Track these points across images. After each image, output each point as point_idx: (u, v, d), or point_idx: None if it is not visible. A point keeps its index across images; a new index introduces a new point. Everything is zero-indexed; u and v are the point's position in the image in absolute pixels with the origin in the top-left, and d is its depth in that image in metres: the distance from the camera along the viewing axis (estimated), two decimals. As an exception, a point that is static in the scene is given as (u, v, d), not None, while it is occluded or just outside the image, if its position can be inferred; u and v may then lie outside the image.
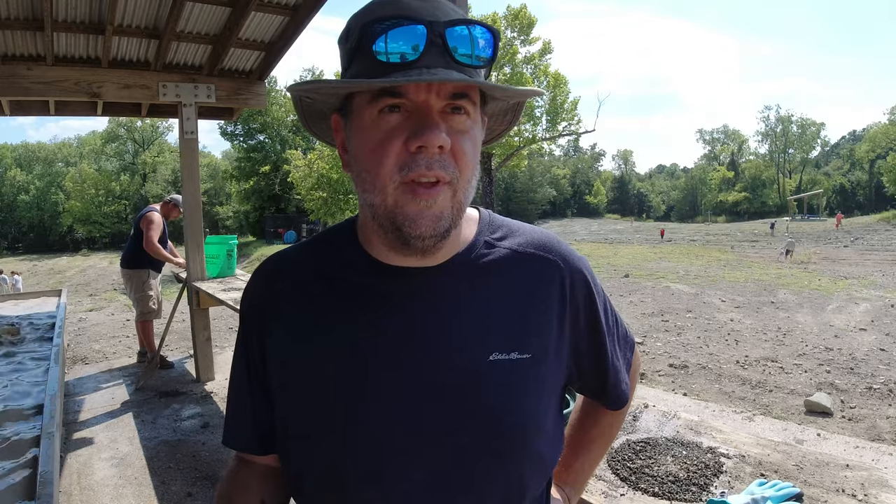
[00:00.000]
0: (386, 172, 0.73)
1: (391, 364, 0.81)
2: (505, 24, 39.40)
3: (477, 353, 0.82)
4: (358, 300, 0.84)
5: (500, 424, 0.81)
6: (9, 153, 67.80)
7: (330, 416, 0.82)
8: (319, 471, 0.85)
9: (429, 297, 0.83)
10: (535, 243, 0.91)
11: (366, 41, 0.73)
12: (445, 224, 0.75)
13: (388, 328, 0.82)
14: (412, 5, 0.73)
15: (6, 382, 3.21)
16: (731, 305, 11.98)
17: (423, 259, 0.81)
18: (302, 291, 0.88)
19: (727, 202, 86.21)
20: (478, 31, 0.74)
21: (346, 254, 0.88)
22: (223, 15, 4.94)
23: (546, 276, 0.89)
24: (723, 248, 30.42)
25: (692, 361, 7.61)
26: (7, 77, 5.02)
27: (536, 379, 0.85)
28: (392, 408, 0.80)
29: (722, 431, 1.99)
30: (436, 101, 0.72)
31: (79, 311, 12.18)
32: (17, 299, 6.61)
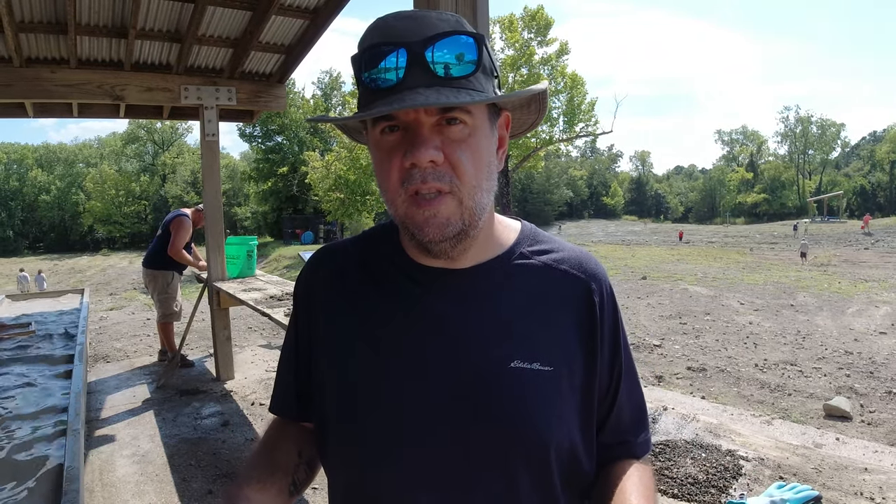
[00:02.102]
0: (393, 187, 0.77)
1: (410, 359, 0.84)
2: (522, 25, 39.32)
3: (498, 359, 0.82)
4: (388, 294, 0.89)
5: (515, 433, 0.81)
6: (30, 154, 68.78)
7: (348, 398, 0.87)
8: (337, 449, 0.90)
9: (455, 298, 0.86)
10: (571, 261, 0.92)
11: (356, 70, 0.78)
12: (454, 229, 0.77)
13: (412, 324, 0.85)
14: (396, 27, 0.76)
15: (30, 380, 3.27)
16: (750, 308, 11.88)
17: (451, 261, 0.85)
18: (341, 279, 0.95)
19: (746, 204, 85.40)
20: (459, 41, 0.75)
21: (385, 249, 0.93)
22: (244, 19, 4.99)
23: (577, 295, 0.89)
24: (741, 250, 30.15)
25: (710, 364, 7.56)
26: (31, 80, 5.10)
27: (558, 393, 0.84)
28: (407, 399, 0.83)
29: (741, 434, 1.99)
30: (426, 117, 0.75)
31: (99, 310, 12.31)
32: (39, 298, 6.71)
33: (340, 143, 33.23)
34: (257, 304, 4.34)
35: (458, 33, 0.75)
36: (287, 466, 0.96)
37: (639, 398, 0.99)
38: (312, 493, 3.43)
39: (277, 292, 4.80)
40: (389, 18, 0.78)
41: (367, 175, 31.82)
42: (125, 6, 4.60)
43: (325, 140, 44.28)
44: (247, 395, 5.34)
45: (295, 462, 0.97)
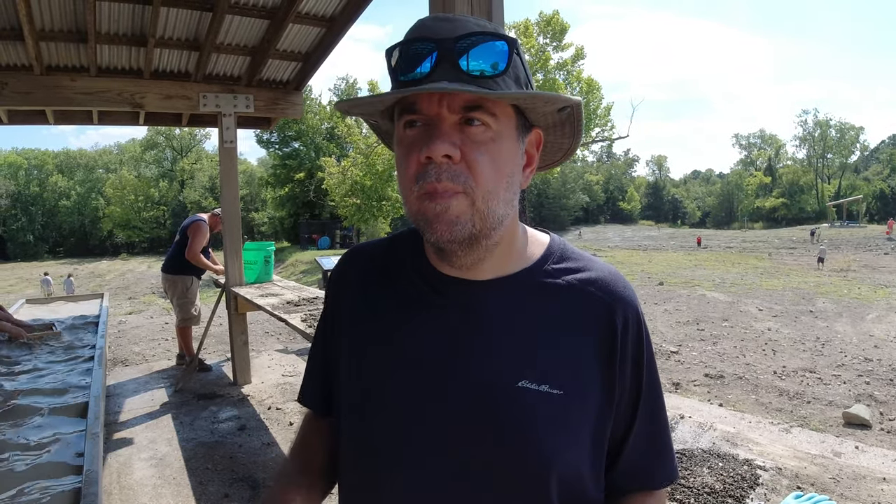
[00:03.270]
0: (407, 184, 0.77)
1: (416, 370, 0.84)
2: (537, 30, 39.32)
3: (505, 377, 0.81)
4: (405, 300, 0.89)
5: (517, 455, 0.79)
6: (50, 160, 69.66)
7: (356, 401, 0.89)
8: (346, 449, 0.92)
9: (469, 310, 0.85)
10: (598, 282, 0.89)
11: (389, 63, 0.80)
12: (464, 230, 0.76)
13: (423, 334, 0.85)
14: (432, 26, 0.77)
15: (50, 382, 3.31)
16: (769, 314, 11.77)
17: (468, 271, 0.85)
18: (364, 281, 0.96)
19: (764, 208, 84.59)
20: (490, 43, 0.76)
21: (408, 254, 0.94)
22: (261, 27, 5.03)
23: (599, 319, 0.86)
24: (760, 255, 29.90)
25: (728, 371, 7.49)
26: (52, 87, 5.17)
27: (566, 419, 0.81)
28: (411, 410, 0.83)
29: (759, 443, 1.98)
30: (448, 114, 0.75)
31: (118, 314, 12.44)
32: (58, 302, 6.79)
33: (357, 148, 33.36)
34: (274, 309, 4.37)
35: (490, 34, 0.76)
36: (320, 467, 1.00)
37: (662, 429, 0.94)
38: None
39: (294, 297, 4.83)
40: (427, 19, 0.80)
41: (383, 181, 31.94)
42: (144, 15, 4.66)
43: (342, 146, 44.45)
44: (263, 399, 5.37)
45: (327, 462, 1.00)
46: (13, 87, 5.05)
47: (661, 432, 0.94)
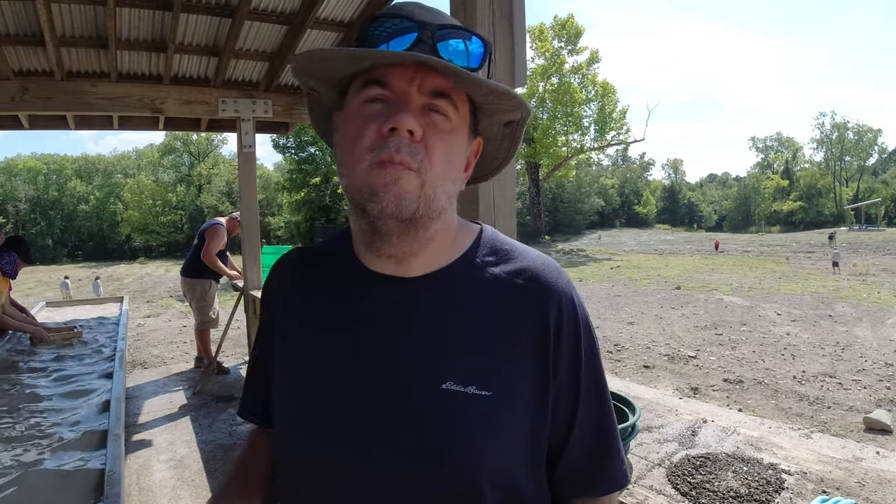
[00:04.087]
0: (359, 152, 0.74)
1: (339, 374, 0.81)
2: (552, 34, 39.32)
3: (428, 380, 0.78)
4: (334, 302, 0.86)
5: (445, 460, 0.76)
6: (69, 165, 70.49)
7: (282, 409, 0.87)
8: (277, 457, 0.91)
9: (395, 309, 0.82)
10: (527, 273, 0.85)
11: (362, 36, 0.79)
12: (408, 207, 0.73)
13: (347, 337, 0.83)
14: (413, 10, 0.77)
15: (72, 385, 3.34)
16: (787, 319, 11.65)
17: (398, 266, 0.82)
18: (294, 286, 0.94)
19: (782, 212, 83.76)
20: (469, 40, 0.77)
21: (339, 254, 0.91)
22: (280, 33, 5.07)
23: (530, 312, 0.82)
24: (777, 259, 29.61)
25: (747, 376, 7.43)
26: (72, 93, 5.24)
27: (497, 421, 0.78)
28: (335, 414, 0.80)
29: (783, 448, 1.97)
30: (416, 95, 0.74)
31: (137, 317, 12.54)
32: (79, 305, 6.87)
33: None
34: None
35: (472, 32, 0.77)
36: (262, 478, 0.97)
37: (607, 429, 0.89)
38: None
39: (311, 301, 4.85)
40: (408, 4, 0.79)
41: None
42: (164, 21, 4.71)
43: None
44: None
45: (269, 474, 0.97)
46: (34, 92, 5.12)
47: (607, 434, 0.89)
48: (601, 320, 11.81)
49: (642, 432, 3.21)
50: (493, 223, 1.90)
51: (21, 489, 1.98)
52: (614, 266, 26.02)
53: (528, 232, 45.12)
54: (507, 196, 1.97)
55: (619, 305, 13.85)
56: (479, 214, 1.88)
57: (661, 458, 2.74)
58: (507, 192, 1.97)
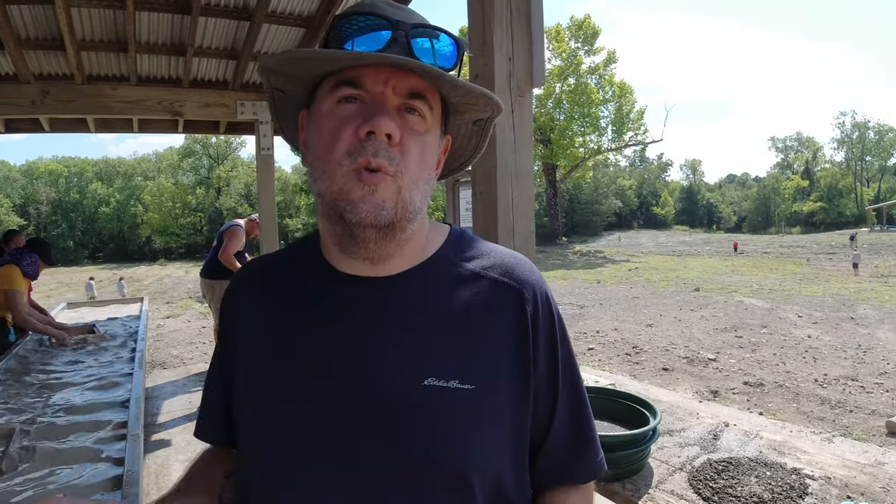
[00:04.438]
0: (336, 158, 0.73)
1: (321, 375, 0.78)
2: (569, 34, 39.23)
3: (411, 376, 0.76)
4: (305, 309, 0.84)
5: (433, 458, 0.74)
6: (90, 167, 71.34)
7: (253, 422, 0.82)
8: (244, 470, 0.85)
9: (373, 309, 0.81)
10: (501, 267, 0.86)
11: (334, 34, 0.77)
12: (387, 216, 0.73)
13: (326, 337, 0.80)
14: (387, 9, 0.77)
15: (92, 384, 3.37)
16: (808, 321, 11.50)
17: (372, 267, 0.82)
18: (259, 294, 0.90)
19: (802, 212, 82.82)
20: (443, 39, 0.77)
21: (305, 260, 0.89)
22: (297, 36, 5.10)
23: (507, 305, 0.83)
24: (798, 260, 29.26)
25: (768, 379, 7.34)
26: (92, 96, 5.31)
27: (481, 414, 0.77)
28: (313, 421, 0.77)
29: (806, 452, 1.94)
30: (392, 96, 0.74)
31: (156, 318, 12.66)
32: (100, 306, 6.94)
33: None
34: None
35: (444, 32, 0.77)
36: (213, 487, 0.92)
37: (584, 418, 0.90)
38: None
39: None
40: (381, 2, 0.78)
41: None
42: (183, 25, 4.76)
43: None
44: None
45: (221, 483, 0.93)
46: (55, 95, 5.19)
47: (584, 423, 0.90)
48: (619, 322, 11.74)
49: (663, 436, 3.18)
50: (512, 225, 1.89)
51: (41, 486, 2.00)
52: (632, 268, 25.87)
53: (546, 233, 44.97)
54: (525, 197, 1.96)
55: (638, 307, 13.75)
56: (498, 216, 1.87)
57: (682, 463, 2.72)
58: (525, 193, 1.96)
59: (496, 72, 1.94)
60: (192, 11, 4.44)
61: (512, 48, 1.98)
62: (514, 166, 1.94)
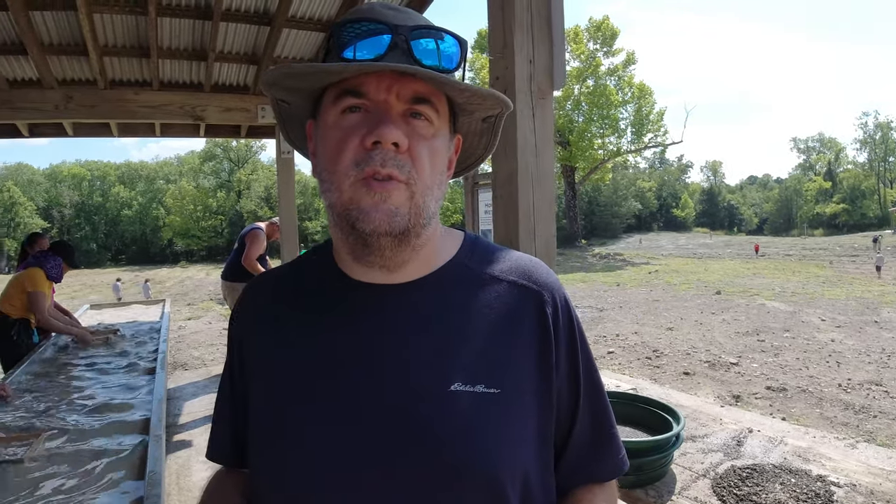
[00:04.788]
0: (342, 169, 0.72)
1: (343, 385, 0.77)
2: (587, 36, 39.09)
3: (436, 382, 0.75)
4: (322, 317, 0.83)
5: (457, 464, 0.73)
6: (113, 171, 72.38)
7: (269, 441, 0.80)
8: (261, 485, 0.82)
9: (392, 316, 0.80)
10: (517, 270, 0.86)
11: (333, 42, 0.76)
12: (401, 223, 0.73)
13: (346, 346, 0.79)
14: (385, 13, 0.76)
15: (115, 386, 3.41)
16: (832, 325, 11.34)
17: (388, 274, 0.80)
18: (275, 306, 0.88)
19: (824, 214, 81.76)
20: (444, 39, 0.75)
21: (319, 269, 0.88)
22: (317, 40, 5.14)
23: (527, 308, 0.82)
24: (821, 263, 28.87)
25: (791, 384, 7.24)
26: (115, 101, 5.39)
27: (507, 417, 0.76)
28: (335, 431, 0.75)
29: (831, 459, 1.90)
30: (396, 102, 0.73)
31: (178, 320, 12.76)
32: (122, 307, 7.02)
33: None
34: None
35: (445, 31, 0.75)
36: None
37: (605, 417, 0.90)
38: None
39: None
40: (376, 5, 0.78)
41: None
42: (204, 30, 4.81)
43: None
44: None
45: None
46: (78, 100, 5.27)
47: (605, 422, 0.90)
48: (639, 325, 11.65)
49: (685, 442, 3.15)
50: (533, 228, 1.88)
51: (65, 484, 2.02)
52: (652, 270, 25.68)
53: (565, 236, 44.78)
54: (546, 200, 1.95)
55: (658, 311, 13.64)
56: (519, 219, 1.87)
57: (705, 469, 2.68)
58: (547, 196, 1.95)
59: (517, 74, 1.93)
60: (213, 17, 4.48)
61: (532, 51, 1.98)
62: (536, 169, 1.93)
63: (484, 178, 3.68)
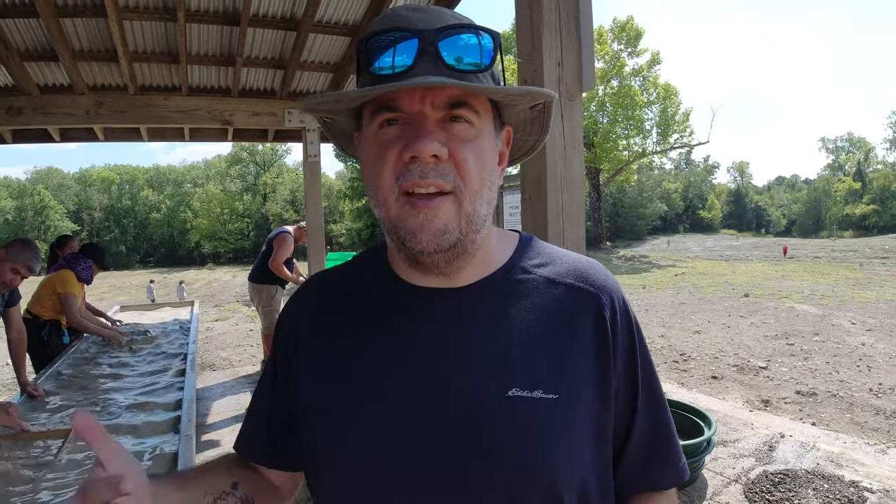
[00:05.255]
0: (385, 184, 0.72)
1: (393, 400, 0.77)
2: (612, 36, 38.81)
3: (494, 388, 0.75)
4: (372, 324, 0.82)
5: (515, 470, 0.73)
6: (141, 175, 73.57)
7: (328, 448, 0.80)
8: (323, 489, 0.83)
9: (449, 321, 0.79)
10: (575, 273, 0.85)
11: (361, 57, 0.75)
12: (451, 238, 0.72)
13: (405, 350, 0.79)
14: (409, 17, 0.74)
15: (145, 386, 3.46)
16: (862, 328, 11.12)
17: (445, 279, 0.80)
18: (329, 309, 0.88)
19: (854, 215, 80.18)
20: (473, 37, 0.73)
21: (375, 273, 0.88)
22: (343, 45, 5.17)
23: (584, 311, 0.81)
24: (850, 265, 28.34)
25: (821, 389, 7.12)
26: (144, 106, 5.48)
27: (565, 423, 0.76)
28: (394, 434, 0.75)
29: (864, 464, 1.88)
30: (431, 111, 0.71)
31: (206, 321, 12.89)
32: (152, 309, 7.12)
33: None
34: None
35: (473, 28, 0.73)
36: (214, 488, 0.87)
37: (664, 423, 0.88)
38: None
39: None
40: (401, 9, 0.76)
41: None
42: (232, 36, 4.87)
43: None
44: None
45: (224, 490, 0.88)
46: (109, 106, 5.37)
47: (665, 428, 0.88)
48: (665, 328, 11.54)
49: (716, 447, 3.11)
50: (562, 231, 1.88)
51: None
52: (679, 273, 25.40)
53: (589, 238, 44.47)
54: (575, 203, 1.95)
55: (685, 313, 13.50)
56: (548, 222, 1.86)
57: (737, 474, 2.64)
58: (576, 199, 1.95)
59: (545, 77, 1.93)
60: (240, 23, 4.54)
61: (561, 53, 1.97)
62: (564, 171, 1.93)
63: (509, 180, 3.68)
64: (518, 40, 2.06)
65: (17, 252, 3.51)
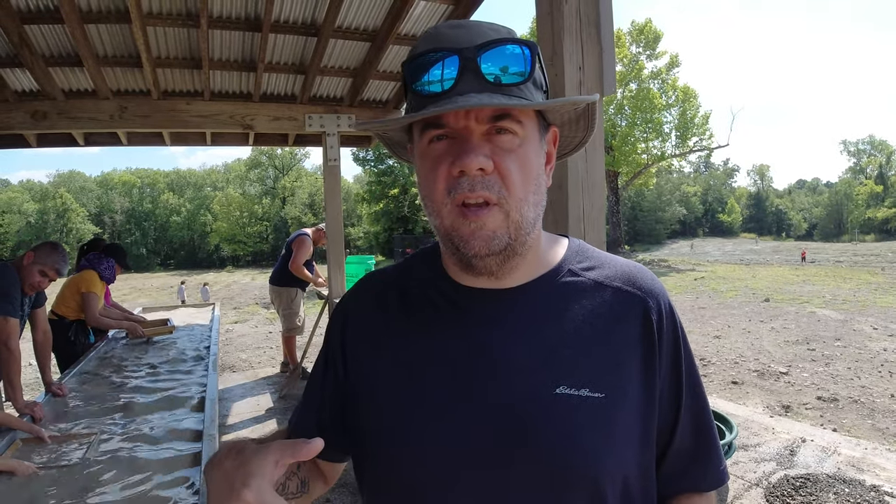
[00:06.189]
0: (438, 197, 0.76)
1: (450, 385, 0.80)
2: (630, 39, 38.63)
3: (542, 386, 0.78)
4: (426, 322, 0.86)
5: (561, 466, 0.75)
6: (162, 179, 74.44)
7: (382, 439, 0.83)
8: (370, 479, 0.88)
9: (497, 322, 0.82)
10: (623, 276, 0.87)
11: (407, 77, 0.78)
12: (501, 243, 0.75)
13: (453, 348, 0.82)
14: (449, 35, 0.76)
15: (168, 386, 3.50)
16: (885, 333, 10.97)
17: (496, 280, 0.83)
18: (380, 307, 0.92)
19: (876, 219, 79.07)
20: (512, 50, 0.75)
21: (427, 273, 0.91)
22: (363, 50, 5.21)
23: (631, 314, 0.84)
24: (872, 269, 27.95)
25: (842, 394, 7.04)
26: (167, 111, 5.54)
27: (611, 422, 0.78)
28: (442, 430, 0.79)
29: (885, 469, 1.87)
30: (476, 125, 0.74)
31: (225, 323, 12.99)
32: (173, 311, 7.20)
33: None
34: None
35: (511, 41, 0.75)
36: None
37: (707, 425, 0.90)
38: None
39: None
40: (441, 27, 0.79)
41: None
42: (254, 42, 4.93)
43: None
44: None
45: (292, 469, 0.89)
46: (132, 110, 5.44)
47: (707, 430, 0.90)
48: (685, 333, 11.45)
49: (737, 451, 3.10)
50: (583, 235, 1.89)
51: (120, 484, 2.09)
52: (698, 277, 25.19)
53: (608, 242, 43.85)
54: (596, 206, 1.95)
55: (705, 318, 13.39)
56: (569, 226, 1.87)
57: (758, 479, 2.63)
58: (597, 203, 1.96)
59: (566, 82, 1.94)
60: (262, 29, 4.59)
61: (582, 57, 1.98)
62: (585, 175, 1.94)
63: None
64: (539, 45, 2.07)
65: (45, 255, 3.58)
